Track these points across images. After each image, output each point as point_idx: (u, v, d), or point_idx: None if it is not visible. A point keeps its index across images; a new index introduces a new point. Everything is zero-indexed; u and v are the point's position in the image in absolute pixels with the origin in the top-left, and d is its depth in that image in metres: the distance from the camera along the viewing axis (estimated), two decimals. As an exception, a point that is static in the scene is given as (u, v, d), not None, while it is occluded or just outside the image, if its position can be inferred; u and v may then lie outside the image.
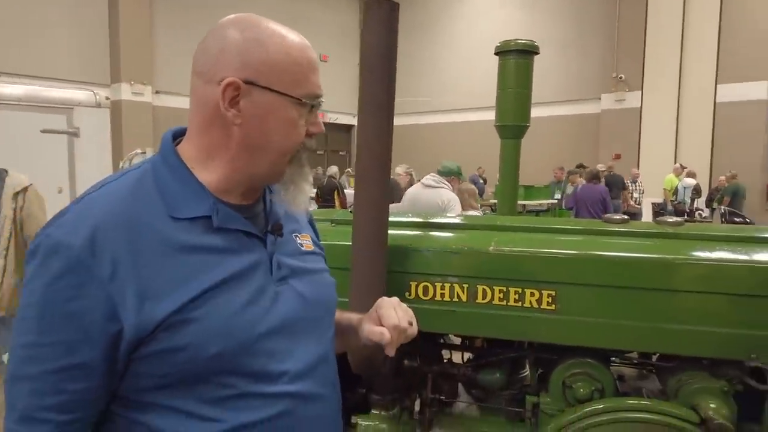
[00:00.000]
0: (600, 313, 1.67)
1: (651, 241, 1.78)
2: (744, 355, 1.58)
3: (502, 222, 2.01)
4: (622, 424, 1.58)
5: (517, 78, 2.30)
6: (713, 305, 1.62)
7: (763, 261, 1.61)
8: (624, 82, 13.68)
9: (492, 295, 1.73)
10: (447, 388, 2.00)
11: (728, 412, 1.52)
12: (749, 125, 12.33)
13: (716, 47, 12.60)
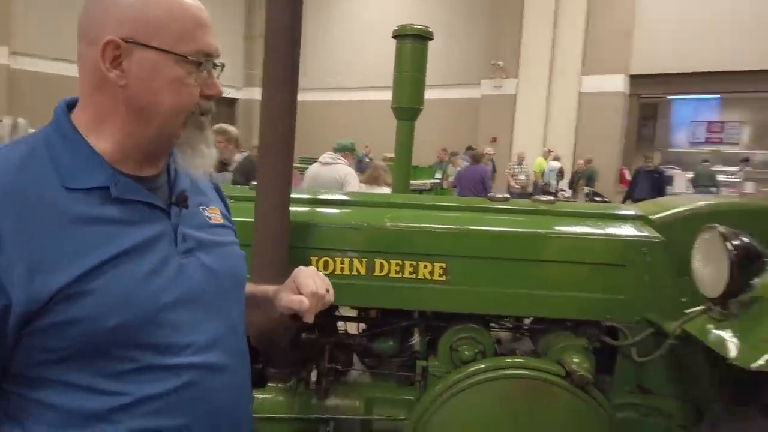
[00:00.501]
0: (485, 282, 1.85)
1: (528, 217, 1.99)
2: (601, 316, 1.84)
3: (397, 199, 2.12)
4: (501, 381, 1.77)
5: (413, 62, 2.41)
6: (577, 274, 1.86)
7: (616, 234, 1.87)
8: (502, 69, 14.48)
9: (389, 269, 1.84)
10: (343, 358, 2.09)
11: (589, 366, 1.76)
12: (608, 114, 13.65)
13: (583, 41, 13.73)
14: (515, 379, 1.76)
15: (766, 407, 1.30)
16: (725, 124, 16.44)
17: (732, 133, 16.33)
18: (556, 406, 1.73)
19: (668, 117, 17.27)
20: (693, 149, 16.43)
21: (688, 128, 16.94)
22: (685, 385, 1.79)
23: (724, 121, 16.49)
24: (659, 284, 1.81)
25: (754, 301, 1.42)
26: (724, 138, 16.38)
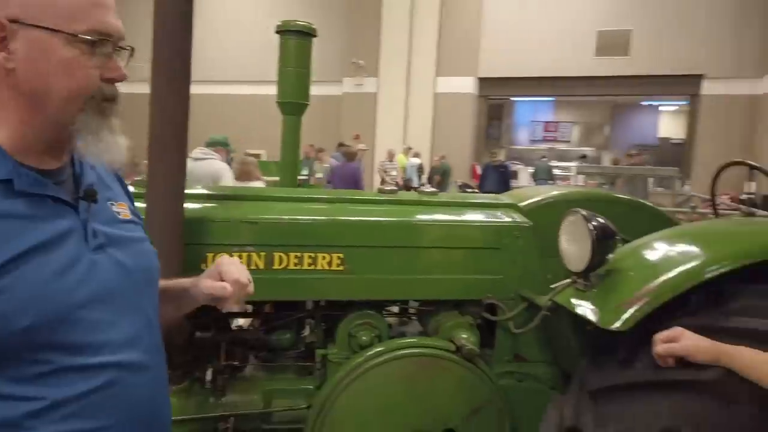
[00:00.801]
0: (380, 270, 1.95)
1: (415, 208, 2.13)
2: (482, 295, 2.04)
3: (291, 193, 2.15)
4: (398, 361, 1.89)
5: (297, 58, 2.44)
6: (459, 258, 2.04)
7: (492, 221, 2.09)
8: (363, 68, 14.83)
9: (288, 261, 1.87)
10: (239, 354, 2.08)
11: (475, 340, 1.95)
12: (461, 114, 14.63)
13: (436, 44, 14.55)
14: (412, 357, 1.89)
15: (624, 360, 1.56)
16: (559, 124, 18.43)
17: (565, 132, 18.36)
18: (449, 379, 1.90)
19: (512, 117, 18.95)
20: (532, 147, 18.21)
21: (528, 128, 18.73)
22: (554, 351, 2.04)
23: (558, 121, 18.48)
24: (529, 264, 2.05)
25: (610, 272, 1.68)
26: (558, 137, 18.37)
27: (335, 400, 1.86)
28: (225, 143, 4.32)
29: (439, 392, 1.89)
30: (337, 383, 1.87)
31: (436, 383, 1.89)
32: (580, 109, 18.09)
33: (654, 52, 13.77)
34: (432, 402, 1.88)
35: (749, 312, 1.48)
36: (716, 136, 13.32)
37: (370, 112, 14.80)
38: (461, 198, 2.34)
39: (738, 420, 1.35)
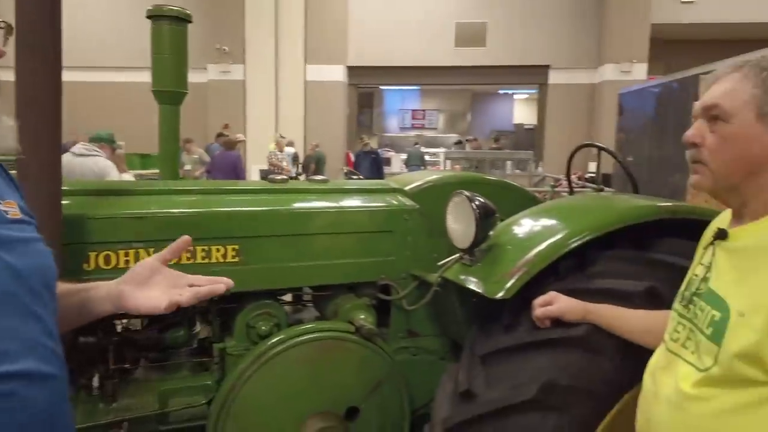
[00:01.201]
0: (276, 259, 1.97)
1: (307, 195, 2.17)
2: (376, 276, 2.13)
3: (178, 185, 2.07)
4: (300, 347, 1.92)
5: (172, 44, 2.34)
6: (353, 242, 2.11)
7: (383, 205, 2.18)
8: (228, 55, 14.30)
9: (179, 256, 1.81)
10: (129, 356, 1.98)
11: (372, 320, 2.04)
12: (332, 102, 14.70)
13: (303, 32, 14.44)
14: (313, 342, 1.93)
15: (508, 325, 1.73)
16: (426, 112, 19.22)
17: (432, 119, 19.19)
18: (350, 359, 1.97)
19: (382, 105, 19.42)
20: (402, 134, 18.82)
21: (397, 115, 19.32)
22: (444, 324, 2.19)
23: (425, 109, 19.26)
24: (418, 245, 2.18)
25: (491, 247, 1.85)
26: (426, 124, 19.17)
27: (239, 392, 1.85)
28: (110, 139, 4.01)
29: (341, 373, 1.95)
30: (239, 375, 1.86)
31: (338, 365, 1.95)
32: (444, 97, 19.03)
33: (507, 44, 14.85)
34: (335, 383, 1.95)
35: (607, 274, 1.72)
36: (562, 121, 14.73)
37: (238, 101, 14.34)
38: (351, 185, 2.40)
39: (604, 368, 1.57)
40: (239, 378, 1.86)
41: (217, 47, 14.20)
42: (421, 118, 19.14)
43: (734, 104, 1.09)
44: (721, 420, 1.05)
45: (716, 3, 13.89)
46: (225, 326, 2.05)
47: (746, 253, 1.09)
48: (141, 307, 1.01)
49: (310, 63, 14.51)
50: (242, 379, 1.86)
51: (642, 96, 8.22)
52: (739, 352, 1.01)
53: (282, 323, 2.02)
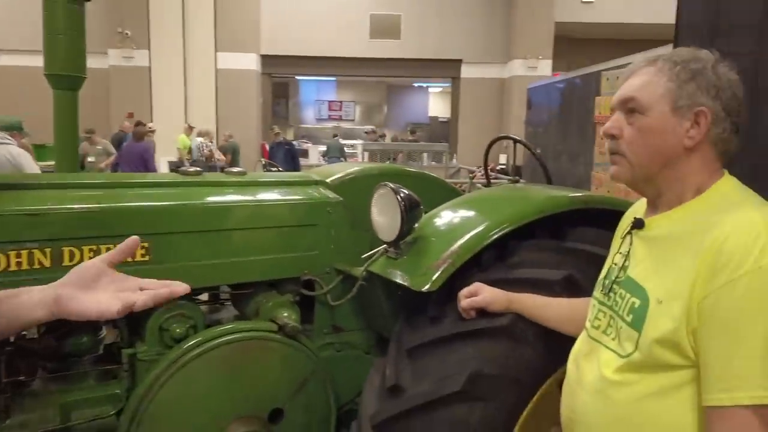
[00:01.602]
0: (190, 256, 1.85)
1: (223, 189, 2.05)
2: (299, 272, 2.06)
3: (76, 179, 1.89)
4: (219, 349, 1.82)
5: (68, 23, 2.13)
6: (275, 237, 2.03)
7: (305, 198, 2.11)
8: (131, 39, 13.48)
9: (81, 256, 1.66)
10: (24, 368, 1.79)
11: (296, 317, 1.97)
12: (245, 91, 14.25)
13: (213, 18, 13.86)
14: (234, 343, 1.83)
15: (434, 317, 1.72)
16: (342, 103, 19.11)
17: (348, 111, 19.12)
18: (273, 359, 1.89)
19: (298, 96, 19.09)
20: (319, 125, 18.63)
21: (314, 106, 19.08)
22: (368, 318, 2.16)
23: (341, 100, 19.15)
24: (342, 238, 2.13)
25: (416, 240, 1.84)
26: (343, 115, 19.07)
27: (152, 401, 1.73)
28: (19, 127, 3.67)
29: (264, 374, 1.87)
30: (152, 382, 1.73)
31: (261, 366, 1.87)
32: (360, 89, 19.02)
33: (421, 37, 15.06)
34: (258, 385, 1.86)
35: (527, 264, 1.76)
36: (475, 114, 15.18)
37: (143, 89, 13.55)
38: (270, 177, 2.31)
39: (527, 356, 1.60)
40: (152, 385, 1.74)
41: (119, 31, 13.33)
42: (338, 109, 19.02)
43: (650, 97, 1.12)
44: (643, 404, 1.09)
45: (614, 4, 14.80)
46: (134, 330, 1.90)
47: (661, 242, 1.14)
48: (87, 311, 0.89)
49: (221, 50, 13.97)
50: (156, 387, 1.74)
51: (548, 91, 8.62)
52: (658, 339, 1.05)
53: (199, 325, 1.90)
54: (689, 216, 1.11)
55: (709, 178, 1.13)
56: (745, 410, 0.94)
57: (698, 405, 1.02)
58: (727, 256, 0.97)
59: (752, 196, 1.11)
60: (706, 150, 1.12)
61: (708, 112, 1.09)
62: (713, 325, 0.98)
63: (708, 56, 1.13)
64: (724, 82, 1.10)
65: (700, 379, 1.01)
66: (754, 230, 0.97)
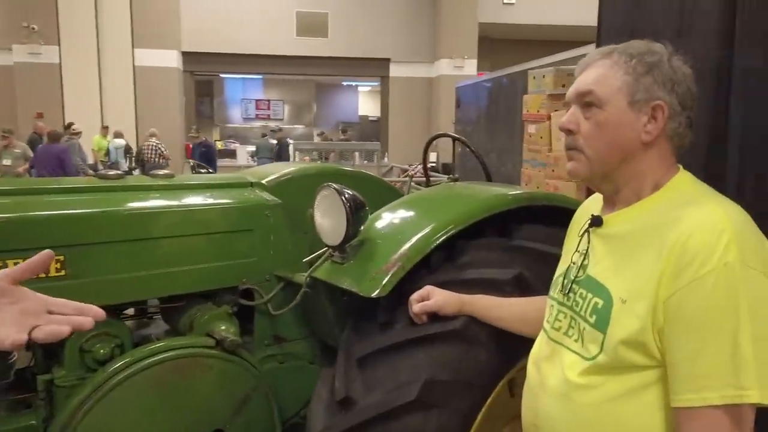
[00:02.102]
0: (114, 269, 1.67)
1: (149, 193, 1.88)
2: (237, 280, 1.93)
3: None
4: (151, 369, 1.66)
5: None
6: (210, 244, 1.88)
7: (241, 201, 1.98)
8: (38, 34, 12.57)
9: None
10: None
11: (235, 330, 1.83)
12: (166, 90, 13.63)
13: (129, 12, 13.16)
14: (167, 362, 1.67)
15: (384, 324, 1.65)
16: (270, 102, 18.69)
17: (277, 110, 18.71)
18: (212, 377, 1.75)
19: (223, 94, 18.48)
20: (246, 125, 18.12)
21: (240, 105, 18.53)
22: (312, 327, 2.05)
23: (269, 99, 18.71)
24: (282, 242, 2.01)
25: (362, 243, 1.75)
26: (271, 114, 18.64)
27: (75, 430, 1.54)
28: None
29: (202, 394, 1.73)
30: (74, 411, 1.55)
31: (199, 385, 1.72)
32: (288, 87, 18.67)
33: (349, 36, 14.98)
34: (195, 406, 1.71)
35: (476, 264, 1.71)
36: (404, 113, 15.28)
37: (54, 87, 12.67)
38: (201, 180, 2.15)
39: (481, 358, 1.56)
40: (74, 414, 1.55)
41: (24, 25, 12.39)
42: (266, 108, 18.56)
43: (607, 91, 1.09)
44: (609, 407, 1.05)
45: (534, 6, 15.31)
46: (51, 353, 1.71)
47: (621, 240, 1.11)
48: None
49: (138, 47, 13.28)
50: (78, 416, 1.55)
51: (476, 90, 8.76)
52: (624, 339, 1.02)
53: (126, 344, 1.73)
54: (648, 212, 1.09)
55: (666, 173, 1.11)
56: (715, 410, 0.92)
57: (665, 405, 1.00)
58: (692, 254, 0.95)
59: (709, 190, 1.10)
60: (663, 144, 1.10)
61: (665, 106, 1.07)
62: (680, 324, 0.96)
63: (662, 49, 1.11)
64: (679, 76, 1.09)
65: (668, 380, 0.99)
66: (718, 227, 0.96)
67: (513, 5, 15.53)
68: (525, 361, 1.66)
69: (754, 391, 0.89)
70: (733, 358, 0.91)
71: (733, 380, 0.90)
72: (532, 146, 5.17)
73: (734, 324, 0.91)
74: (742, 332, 0.90)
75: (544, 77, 4.83)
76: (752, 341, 0.90)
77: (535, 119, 5.04)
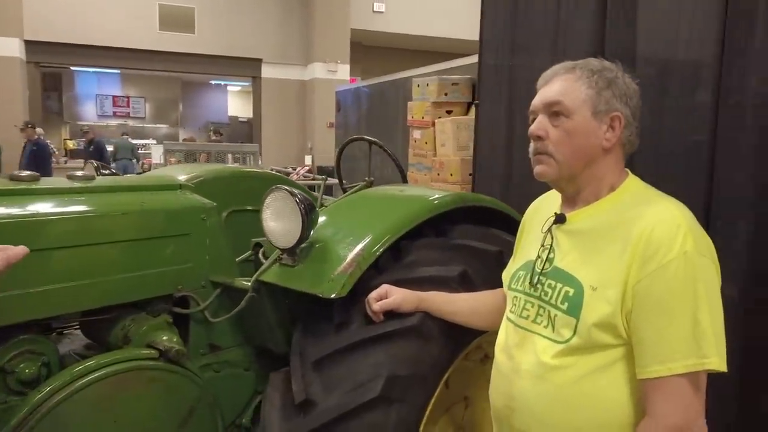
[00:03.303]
0: (38, 281, 1.51)
1: (70, 197, 1.72)
2: (173, 288, 1.82)
3: None
4: (92, 387, 1.51)
5: None
6: (143, 251, 1.77)
7: (176, 205, 1.89)
8: None
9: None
10: None
11: (177, 339, 1.72)
12: (6, 82, 12.11)
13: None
14: (109, 378, 1.54)
15: (340, 324, 1.66)
16: (130, 99, 17.32)
17: (138, 108, 17.39)
18: (157, 390, 1.63)
19: (74, 89, 16.77)
20: (102, 122, 16.63)
21: (95, 101, 16.94)
22: (251, 333, 2.00)
23: (129, 96, 17.34)
24: (218, 246, 1.94)
25: (313, 245, 1.76)
26: (132, 112, 17.28)
27: (7, 463, 1.37)
28: None
29: (148, 407, 1.61)
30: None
31: (144, 398, 1.60)
32: (151, 84, 17.43)
33: (218, 34, 14.41)
34: (140, 421, 1.59)
35: (422, 262, 1.80)
36: (277, 115, 15.05)
37: None
38: (127, 182, 1.99)
39: (433, 353, 1.64)
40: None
41: None
42: (125, 105, 17.12)
43: (574, 102, 1.24)
44: (581, 384, 1.19)
45: (404, 16, 15.90)
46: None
47: (586, 234, 1.26)
48: None
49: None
50: (7, 447, 1.38)
51: (357, 95, 8.94)
52: (596, 322, 1.16)
53: (53, 362, 1.57)
54: (608, 210, 1.25)
55: (620, 176, 1.29)
56: (679, 378, 1.09)
57: (631, 378, 1.16)
58: (656, 245, 1.12)
59: (657, 191, 1.28)
60: (618, 151, 1.27)
61: (622, 117, 1.24)
62: (647, 305, 1.12)
63: (615, 67, 1.28)
64: (631, 91, 1.26)
65: (636, 356, 1.14)
66: (675, 221, 1.13)
67: (383, 14, 15.99)
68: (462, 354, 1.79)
69: (714, 358, 1.07)
70: (694, 332, 1.08)
71: (695, 350, 1.07)
72: (417, 151, 5.40)
73: (693, 303, 1.09)
74: (701, 310, 1.08)
75: (428, 85, 5.08)
76: (709, 317, 1.08)
77: (419, 125, 5.28)
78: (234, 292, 1.89)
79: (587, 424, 1.18)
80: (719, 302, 1.12)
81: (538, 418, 1.23)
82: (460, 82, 4.86)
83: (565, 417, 1.20)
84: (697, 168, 2.15)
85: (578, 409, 1.19)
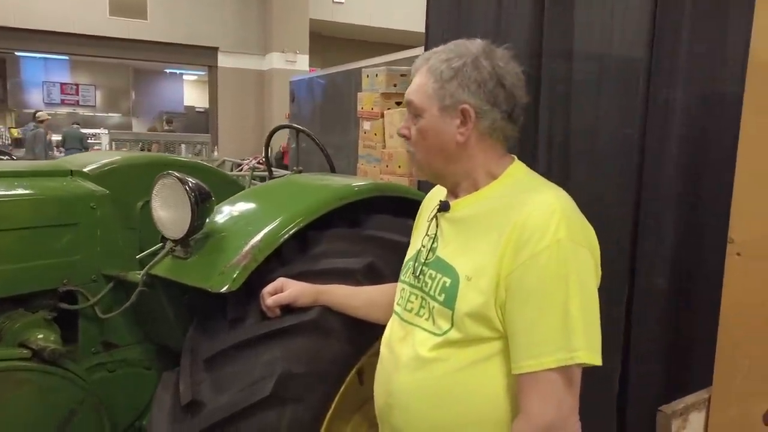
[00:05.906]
0: None
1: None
2: (57, 282, 1.69)
3: None
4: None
5: None
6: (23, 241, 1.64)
7: (63, 192, 1.75)
8: None
9: None
10: None
11: (56, 337, 1.60)
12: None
13: None
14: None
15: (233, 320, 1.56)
16: (79, 86, 16.68)
17: (87, 96, 16.76)
18: (30, 393, 1.51)
19: (19, 75, 16.06)
20: (49, 110, 15.97)
21: (41, 89, 16.26)
22: (148, 330, 1.88)
23: (78, 83, 16.69)
24: (110, 238, 1.81)
25: (208, 236, 1.65)
26: (81, 101, 16.65)
27: None
28: None
29: (19, 412, 1.48)
30: None
31: (14, 402, 1.47)
32: (101, 71, 16.83)
33: (172, 21, 14.01)
34: (10, 428, 1.46)
35: (329, 254, 1.71)
36: (234, 105, 14.74)
37: None
38: (10, 167, 1.84)
39: (334, 348, 1.56)
40: None
41: None
42: (74, 93, 16.46)
43: (422, 100, 1.16)
44: (458, 377, 1.12)
45: (363, 7, 15.75)
46: None
47: (466, 222, 1.19)
48: None
49: None
50: None
51: (311, 85, 8.79)
52: (469, 313, 1.09)
53: None
54: (490, 198, 1.18)
55: (498, 163, 1.20)
56: (551, 373, 1.03)
57: (508, 373, 1.09)
58: (529, 233, 1.05)
59: (540, 178, 1.22)
60: (485, 141, 1.17)
61: (470, 109, 1.13)
62: (519, 297, 1.05)
63: (469, 51, 1.14)
64: (485, 75, 1.12)
65: (510, 350, 1.08)
66: (550, 209, 1.07)
67: (343, 4, 15.81)
68: (374, 348, 1.71)
69: (582, 352, 1.01)
70: (565, 324, 1.02)
71: (565, 344, 1.02)
72: (367, 142, 5.31)
73: (565, 294, 1.03)
74: (572, 301, 1.02)
75: (377, 76, 4.99)
76: (580, 309, 1.02)
77: (369, 116, 5.18)
78: (128, 287, 1.76)
79: (463, 421, 1.12)
80: (594, 293, 1.06)
81: (414, 414, 1.16)
82: (408, 74, 4.79)
83: (439, 413, 1.13)
84: (628, 166, 2.13)
85: (453, 404, 1.13)
